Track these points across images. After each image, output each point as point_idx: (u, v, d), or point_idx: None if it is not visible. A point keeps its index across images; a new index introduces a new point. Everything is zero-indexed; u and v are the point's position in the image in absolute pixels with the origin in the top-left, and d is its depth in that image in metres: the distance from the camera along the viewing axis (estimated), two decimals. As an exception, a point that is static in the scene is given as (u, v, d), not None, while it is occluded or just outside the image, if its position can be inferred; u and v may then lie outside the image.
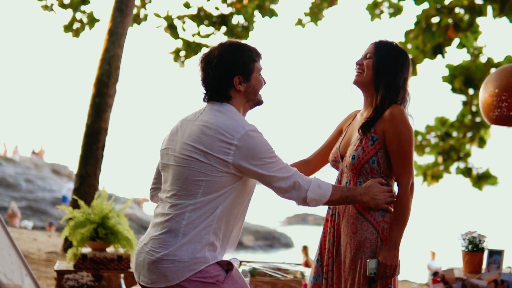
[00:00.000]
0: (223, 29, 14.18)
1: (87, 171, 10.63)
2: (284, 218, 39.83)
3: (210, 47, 3.02)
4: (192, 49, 14.22)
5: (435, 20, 12.23)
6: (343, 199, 3.03)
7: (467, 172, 13.41)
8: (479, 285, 5.08)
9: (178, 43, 14.39)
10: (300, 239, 27.20)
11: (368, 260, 3.06)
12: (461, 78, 12.27)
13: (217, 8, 14.23)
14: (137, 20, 14.32)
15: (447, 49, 12.39)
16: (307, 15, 14.53)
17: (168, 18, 14.16)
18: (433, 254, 18.42)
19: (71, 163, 32.37)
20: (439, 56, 12.33)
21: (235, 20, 14.28)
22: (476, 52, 12.38)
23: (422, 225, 31.42)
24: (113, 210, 5.73)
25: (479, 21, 12.12)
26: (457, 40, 12.31)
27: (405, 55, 3.26)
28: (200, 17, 14.20)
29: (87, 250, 5.72)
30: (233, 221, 2.93)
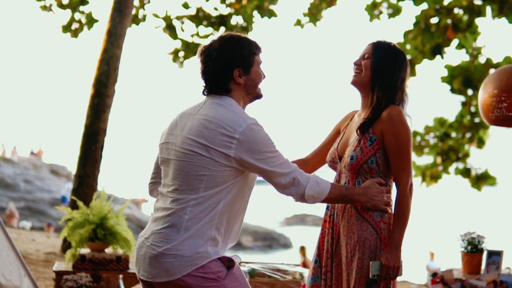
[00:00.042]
0: (222, 29, 14.15)
1: (86, 171, 10.61)
2: (282, 218, 39.85)
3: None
4: (191, 49, 14.20)
5: (434, 20, 12.22)
6: (341, 197, 3.03)
7: (466, 172, 13.40)
8: (478, 286, 5.08)
9: (177, 43, 14.39)
10: (298, 239, 27.21)
11: (371, 262, 3.05)
12: (460, 78, 12.26)
13: (216, 8, 14.22)
14: (136, 20, 14.31)
15: (446, 49, 12.38)
16: (306, 16, 14.52)
17: (167, 18, 14.15)
18: (432, 254, 18.42)
19: (70, 163, 32.44)
20: (438, 56, 12.33)
21: (234, 20, 14.27)
22: (475, 52, 12.38)
23: (421, 225, 31.41)
24: (112, 210, 5.71)
25: (478, 21, 12.12)
26: (456, 40, 12.30)
27: (402, 55, 3.26)
28: (199, 18, 14.19)
29: (85, 250, 5.70)
30: (235, 216, 2.92)
